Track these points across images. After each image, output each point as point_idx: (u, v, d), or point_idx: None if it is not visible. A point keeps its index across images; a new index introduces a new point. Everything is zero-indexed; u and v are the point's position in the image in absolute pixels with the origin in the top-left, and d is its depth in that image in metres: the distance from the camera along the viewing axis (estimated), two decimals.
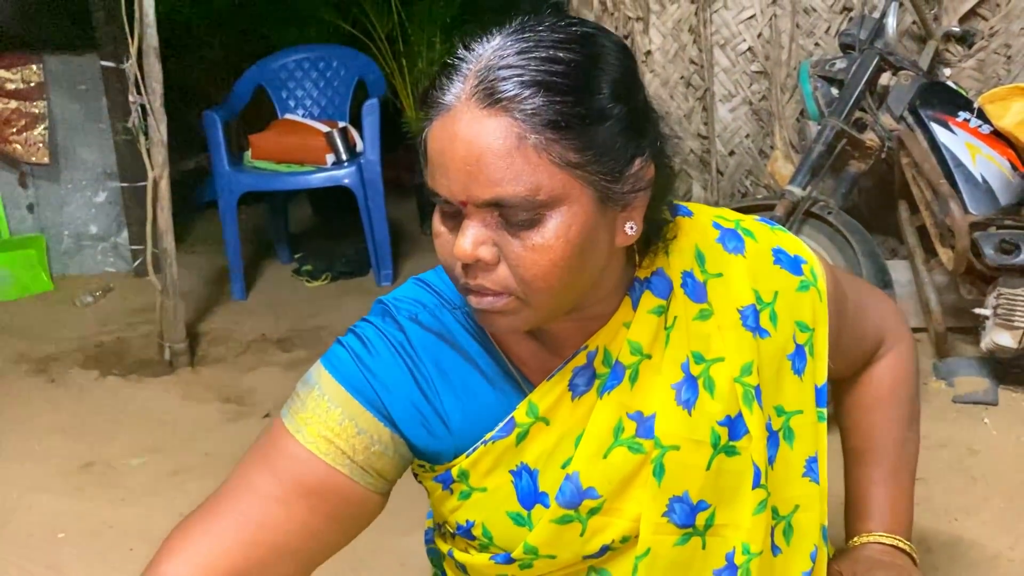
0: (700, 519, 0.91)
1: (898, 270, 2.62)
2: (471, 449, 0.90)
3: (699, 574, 0.92)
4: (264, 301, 3.50)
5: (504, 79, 0.75)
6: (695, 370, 0.91)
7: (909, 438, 1.14)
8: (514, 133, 0.75)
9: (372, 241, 3.56)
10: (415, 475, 0.98)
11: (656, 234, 0.90)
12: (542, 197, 0.76)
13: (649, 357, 0.90)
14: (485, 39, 0.79)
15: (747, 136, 2.89)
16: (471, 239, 0.78)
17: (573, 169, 0.76)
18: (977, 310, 2.32)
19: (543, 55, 0.76)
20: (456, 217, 0.80)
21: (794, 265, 0.97)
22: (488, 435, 0.90)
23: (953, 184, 2.27)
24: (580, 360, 0.90)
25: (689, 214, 0.96)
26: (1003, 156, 2.32)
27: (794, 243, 0.99)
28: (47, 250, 3.74)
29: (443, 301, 0.93)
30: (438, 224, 0.82)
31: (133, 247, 3.77)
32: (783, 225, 2.29)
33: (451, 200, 0.78)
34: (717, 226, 0.96)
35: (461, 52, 0.79)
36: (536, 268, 0.78)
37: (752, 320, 0.93)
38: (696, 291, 0.92)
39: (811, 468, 0.98)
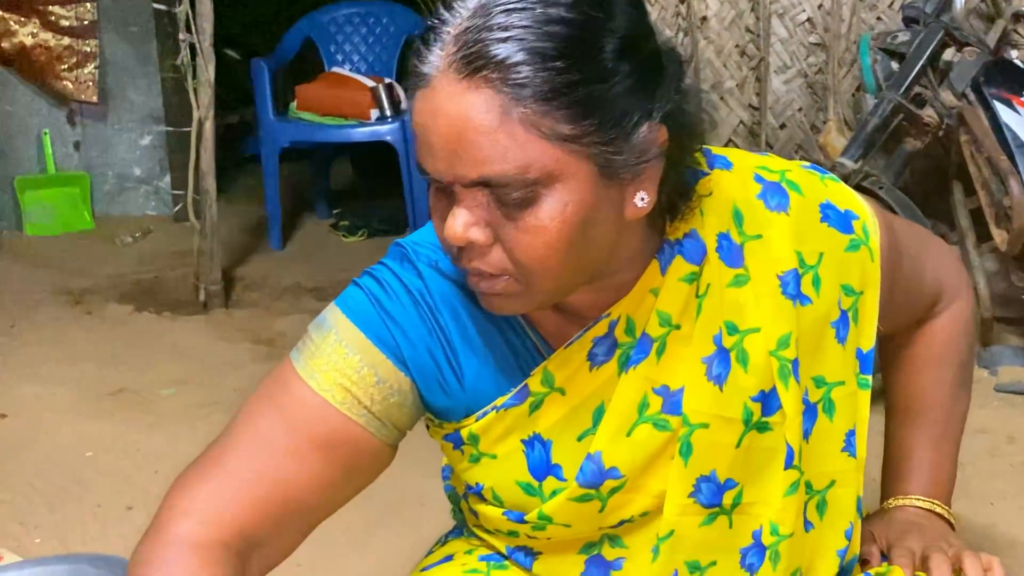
0: (727, 498, 0.86)
1: None
2: (482, 412, 0.86)
3: (724, 553, 0.88)
4: (300, 252, 3.52)
5: (486, 44, 0.68)
6: (728, 342, 0.84)
7: (958, 400, 1.08)
8: (497, 107, 0.68)
9: (411, 200, 3.55)
10: (427, 427, 0.94)
11: (682, 199, 0.82)
12: (533, 175, 0.70)
13: (678, 328, 0.84)
14: None
15: (799, 109, 2.83)
16: (461, 222, 0.73)
17: (567, 143, 0.70)
18: None
19: (534, 14, 0.68)
20: (450, 194, 0.74)
21: (844, 222, 0.88)
22: (500, 400, 0.85)
23: (1014, 164, 2.21)
24: (601, 329, 0.84)
25: (728, 166, 0.88)
26: None
27: (845, 196, 0.91)
28: (91, 189, 3.78)
29: None
30: (433, 201, 0.76)
31: (175, 192, 3.79)
32: None
33: (439, 179, 0.73)
34: (759, 179, 0.88)
35: (441, 12, 0.71)
36: (532, 251, 0.72)
37: (793, 287, 0.85)
38: (732, 255, 0.84)
39: (850, 442, 0.91)
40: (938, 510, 1.05)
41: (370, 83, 3.57)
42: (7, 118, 3.69)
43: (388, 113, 3.52)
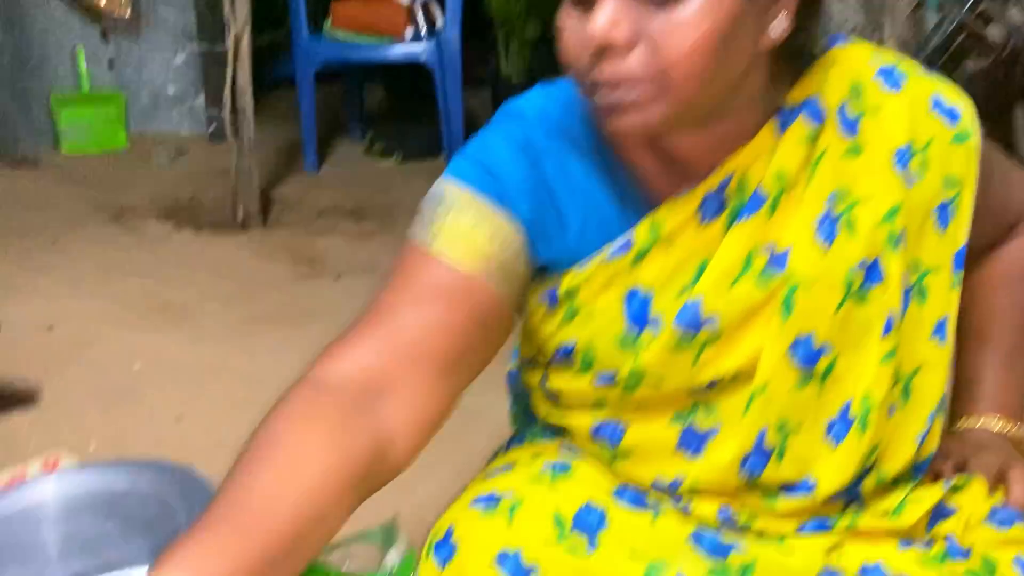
0: (821, 364, 0.86)
1: None
2: (584, 263, 0.86)
3: (811, 422, 0.87)
4: (336, 174, 3.49)
5: None
6: (838, 208, 0.85)
7: None
8: None
9: (446, 123, 3.50)
10: None
11: (805, 47, 0.83)
12: None
13: (791, 189, 0.85)
14: None
15: (854, 29, 2.73)
16: (607, 15, 0.73)
17: None
18: None
19: None
20: (587, 2, 0.75)
21: (951, 115, 0.89)
22: (605, 250, 0.86)
23: None
24: (712, 184, 0.84)
25: (846, 46, 0.90)
26: None
27: (953, 92, 0.92)
28: (125, 107, 3.76)
29: (572, 107, 0.88)
30: (565, 15, 0.77)
31: (209, 112, 3.76)
32: None
33: None
34: (876, 60, 0.90)
35: None
36: (678, 49, 0.73)
37: (903, 163, 0.87)
38: (848, 125, 0.86)
39: (940, 330, 0.91)
40: (1011, 432, 1.03)
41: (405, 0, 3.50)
42: (42, 34, 3.65)
43: (423, 32, 3.45)
